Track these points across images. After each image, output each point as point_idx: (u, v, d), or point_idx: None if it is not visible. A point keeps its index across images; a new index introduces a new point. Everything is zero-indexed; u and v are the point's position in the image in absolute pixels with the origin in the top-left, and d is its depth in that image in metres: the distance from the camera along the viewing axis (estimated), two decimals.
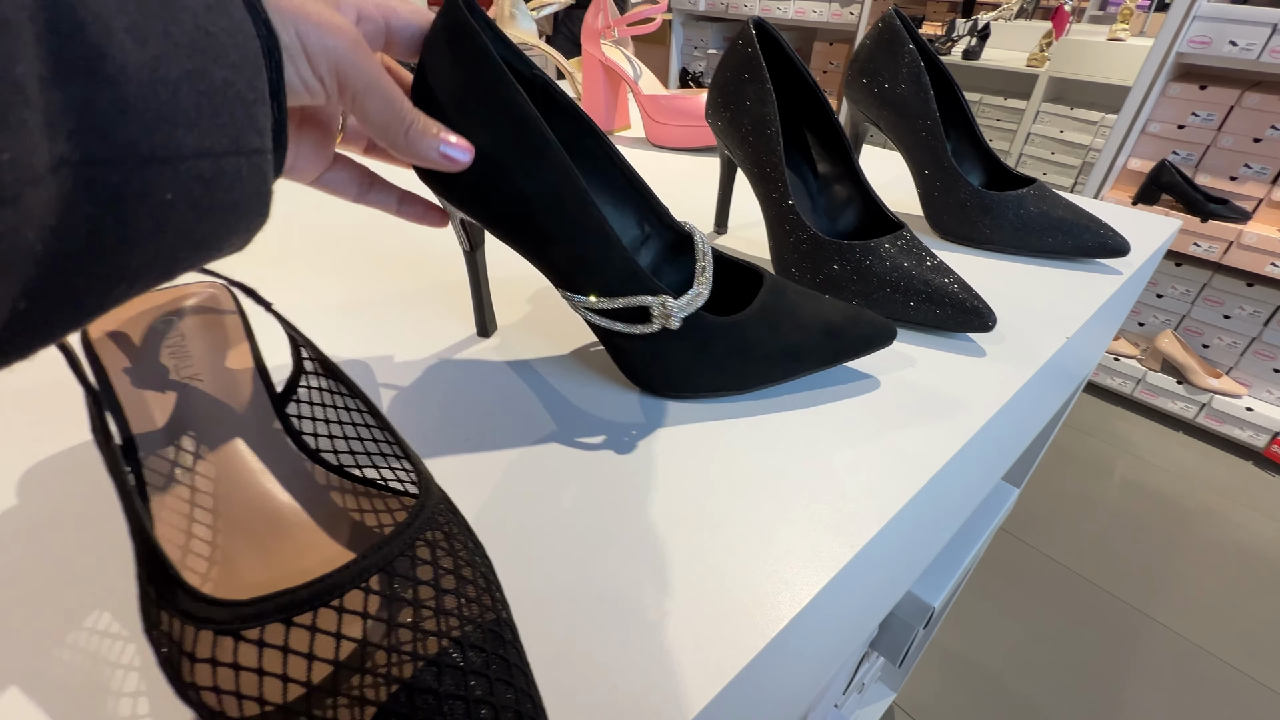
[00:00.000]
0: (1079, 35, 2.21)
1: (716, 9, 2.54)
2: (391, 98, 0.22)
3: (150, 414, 0.23)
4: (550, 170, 0.26)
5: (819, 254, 0.40)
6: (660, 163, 0.70)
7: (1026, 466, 0.77)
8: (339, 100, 0.21)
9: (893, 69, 0.50)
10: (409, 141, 0.23)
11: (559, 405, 0.31)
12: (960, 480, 0.33)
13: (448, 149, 0.24)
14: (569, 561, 0.24)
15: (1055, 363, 0.39)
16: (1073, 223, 0.48)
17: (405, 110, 0.23)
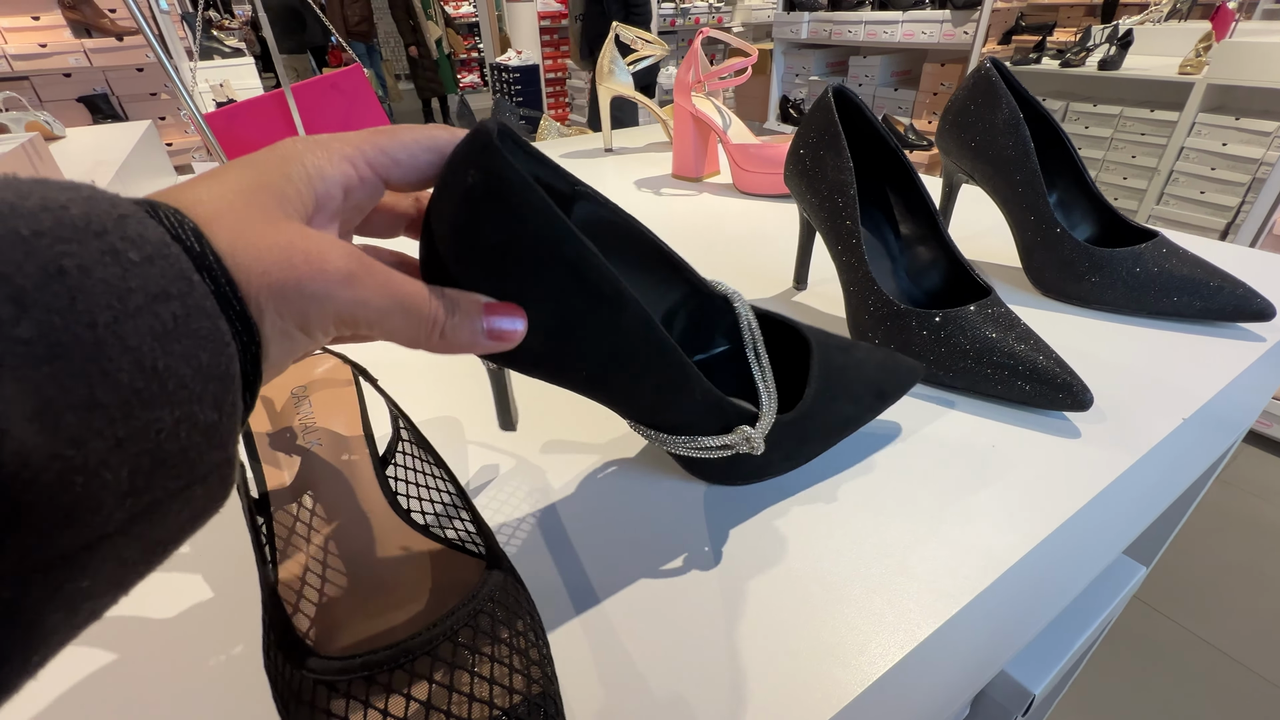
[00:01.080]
0: (1245, 36, 1.95)
1: (819, 36, 2.51)
2: (409, 306, 0.18)
3: (281, 474, 0.28)
4: (628, 323, 0.23)
5: (896, 322, 0.39)
6: (747, 209, 0.71)
7: (1161, 539, 0.68)
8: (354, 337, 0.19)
9: (988, 121, 0.48)
10: (447, 343, 0.19)
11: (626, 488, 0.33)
12: (1045, 570, 0.31)
13: (496, 324, 0.19)
14: (622, 632, 0.25)
15: (1168, 447, 0.35)
16: (1202, 282, 0.43)
17: (430, 309, 0.18)
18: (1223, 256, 0.53)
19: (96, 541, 0.11)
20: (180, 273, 0.12)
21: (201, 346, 0.12)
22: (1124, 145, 2.17)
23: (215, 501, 0.14)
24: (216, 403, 0.13)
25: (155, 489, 0.12)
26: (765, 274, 0.54)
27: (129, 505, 0.11)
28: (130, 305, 0.11)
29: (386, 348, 0.46)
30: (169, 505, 0.12)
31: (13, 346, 0.10)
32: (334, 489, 0.28)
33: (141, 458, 0.11)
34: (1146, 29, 2.37)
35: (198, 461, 0.12)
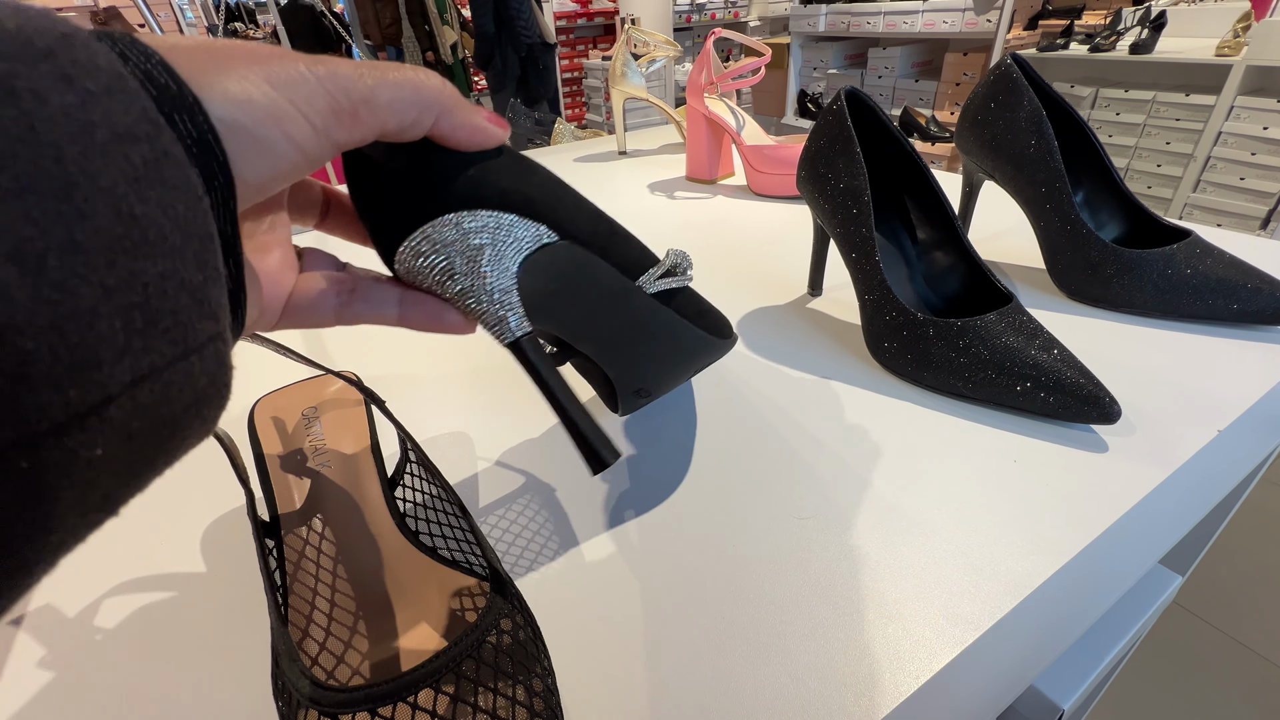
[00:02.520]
0: None
1: (837, 28, 2.47)
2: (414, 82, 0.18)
3: (291, 496, 0.28)
4: (641, 305, 0.29)
5: (914, 331, 0.38)
6: (762, 212, 0.70)
7: (1199, 546, 0.66)
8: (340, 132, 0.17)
9: (1009, 121, 0.47)
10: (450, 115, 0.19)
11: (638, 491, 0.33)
12: (1071, 592, 0.30)
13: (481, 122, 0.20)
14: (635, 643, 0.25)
15: (1203, 460, 0.33)
16: (1239, 284, 0.41)
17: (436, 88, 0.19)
18: (1262, 253, 0.51)
19: (103, 404, 0.11)
20: (143, 112, 0.12)
21: (176, 197, 0.12)
22: (1157, 131, 2.10)
23: (215, 389, 0.13)
24: (199, 262, 0.12)
25: (152, 351, 0.11)
26: (779, 280, 0.54)
27: (128, 364, 0.11)
28: (96, 140, 0.10)
29: (397, 362, 0.46)
30: (169, 375, 0.12)
31: None
32: (343, 512, 0.28)
33: (132, 312, 0.11)
34: (1180, 10, 2.28)
35: (189, 328, 0.12)
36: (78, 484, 0.11)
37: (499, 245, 0.23)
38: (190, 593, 0.29)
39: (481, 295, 0.23)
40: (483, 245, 0.23)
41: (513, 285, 0.23)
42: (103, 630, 0.27)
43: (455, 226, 0.22)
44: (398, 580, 0.27)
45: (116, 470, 0.11)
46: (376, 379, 0.43)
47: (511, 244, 0.23)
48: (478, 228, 0.22)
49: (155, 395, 0.12)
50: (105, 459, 0.11)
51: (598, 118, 3.20)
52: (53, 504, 0.10)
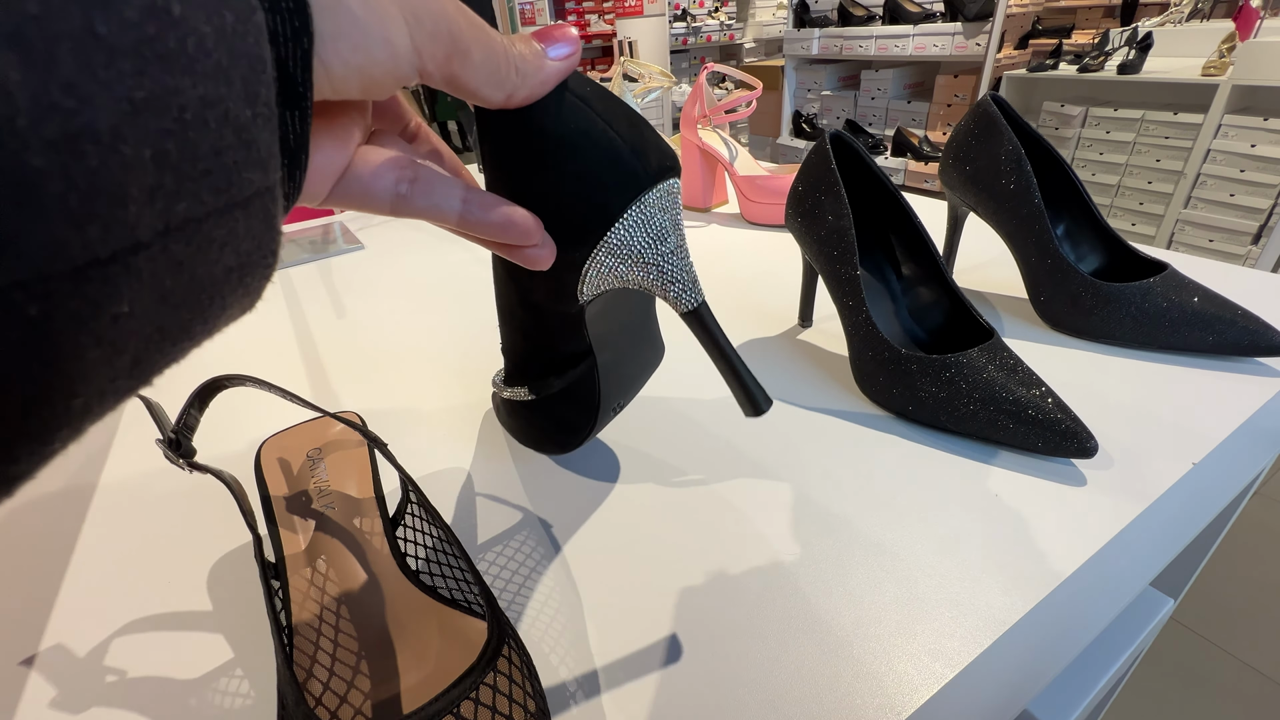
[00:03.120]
0: (1271, 35, 1.90)
1: (830, 51, 2.52)
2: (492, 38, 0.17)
3: (296, 538, 0.29)
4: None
5: (898, 366, 0.39)
6: (755, 241, 0.72)
7: (1192, 566, 0.66)
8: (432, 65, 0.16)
9: (990, 159, 0.48)
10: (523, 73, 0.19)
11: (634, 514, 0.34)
12: (1054, 624, 0.31)
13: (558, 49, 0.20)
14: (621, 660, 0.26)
15: (1179, 492, 0.34)
16: (1214, 316, 0.43)
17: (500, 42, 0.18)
18: (1244, 283, 0.53)
19: (130, 251, 0.09)
20: None
21: (222, 3, 0.10)
22: (1147, 149, 2.13)
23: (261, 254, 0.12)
24: (248, 92, 0.11)
25: (188, 195, 0.10)
26: (770, 311, 0.55)
27: (160, 208, 0.09)
28: None
29: (398, 396, 0.48)
30: (209, 230, 0.10)
31: None
32: (346, 553, 0.29)
33: (165, 140, 0.09)
34: (1167, 30, 2.33)
35: (234, 175, 0.10)
36: (104, 343, 0.09)
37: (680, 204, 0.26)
38: (198, 633, 0.29)
39: (685, 254, 0.26)
40: (680, 203, 0.26)
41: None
42: (114, 670, 0.28)
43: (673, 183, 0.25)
44: (399, 620, 0.28)
45: (148, 334, 0.10)
46: (376, 414, 0.45)
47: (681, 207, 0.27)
48: (678, 185, 0.26)
49: (192, 251, 0.10)
50: (134, 318, 0.10)
51: None
52: (74, 362, 0.09)
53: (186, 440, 0.27)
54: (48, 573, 0.34)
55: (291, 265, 0.77)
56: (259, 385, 0.29)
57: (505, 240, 0.22)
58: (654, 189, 0.24)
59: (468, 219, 0.20)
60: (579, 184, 0.23)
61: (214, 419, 0.43)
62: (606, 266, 0.26)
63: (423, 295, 0.65)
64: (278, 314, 0.63)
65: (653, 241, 0.25)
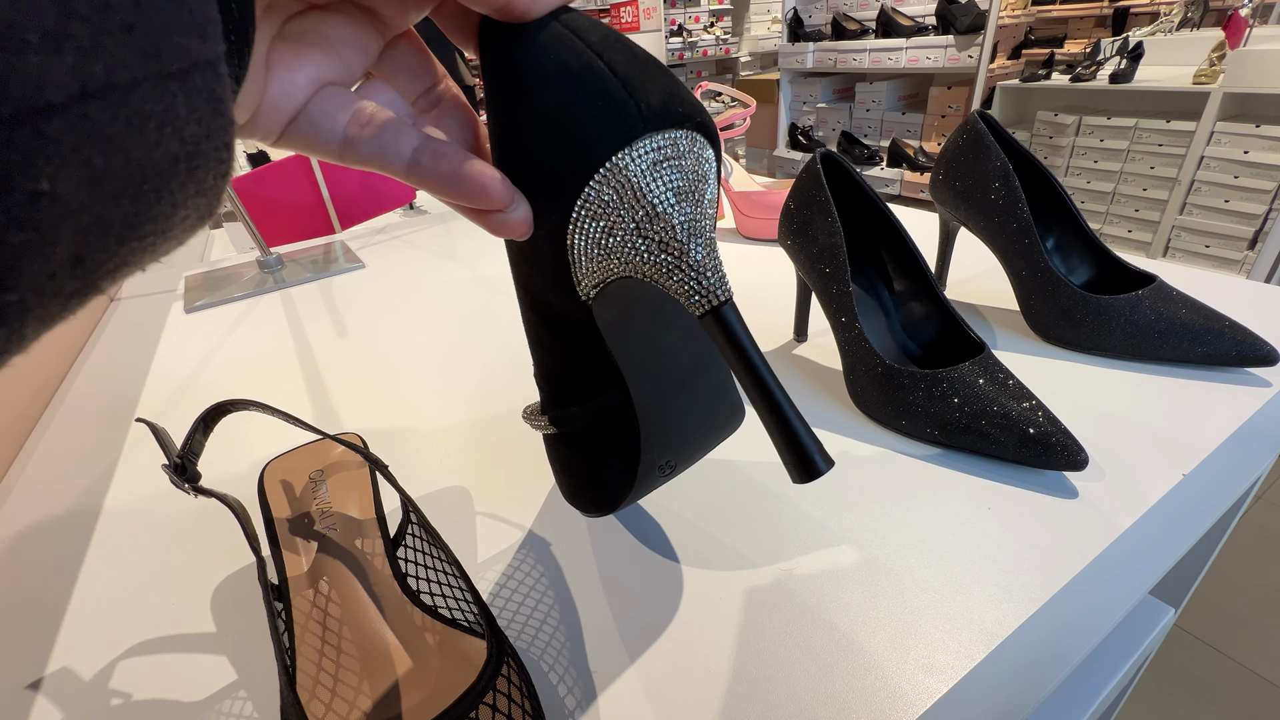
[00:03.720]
0: (1260, 43, 1.93)
1: (824, 65, 2.55)
2: None
3: (299, 560, 0.30)
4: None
5: (890, 380, 0.40)
6: (750, 256, 0.73)
7: (1193, 573, 0.66)
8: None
9: (979, 174, 0.49)
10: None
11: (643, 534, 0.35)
12: (1049, 636, 0.31)
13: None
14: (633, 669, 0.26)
15: (1170, 503, 0.35)
16: (1203, 327, 0.43)
17: None
18: (1234, 294, 0.53)
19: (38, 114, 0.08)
20: None
21: None
22: (1141, 157, 2.15)
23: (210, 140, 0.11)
24: None
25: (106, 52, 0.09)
26: (766, 325, 0.56)
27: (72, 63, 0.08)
28: None
29: (398, 415, 0.48)
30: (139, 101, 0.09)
31: None
32: (348, 574, 0.30)
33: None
34: (1157, 40, 2.36)
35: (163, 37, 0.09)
36: (25, 227, 0.08)
37: (708, 175, 0.20)
38: (202, 655, 0.30)
39: (704, 234, 0.20)
40: (707, 173, 0.20)
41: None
42: (119, 693, 0.29)
43: (690, 139, 0.20)
44: (400, 640, 0.28)
45: (85, 224, 0.09)
46: (378, 433, 0.45)
47: (709, 180, 0.20)
48: (701, 146, 0.20)
49: (121, 126, 0.09)
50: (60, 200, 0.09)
51: None
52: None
53: (192, 465, 0.28)
54: (53, 596, 0.34)
55: (293, 285, 0.77)
56: (262, 409, 0.30)
57: (462, 199, 0.19)
58: (654, 136, 0.19)
59: (415, 170, 0.18)
60: (551, 125, 0.18)
61: (217, 441, 0.44)
62: (594, 241, 0.20)
63: (424, 313, 0.66)
64: (280, 333, 0.64)
65: (653, 206, 0.19)
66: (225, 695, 0.28)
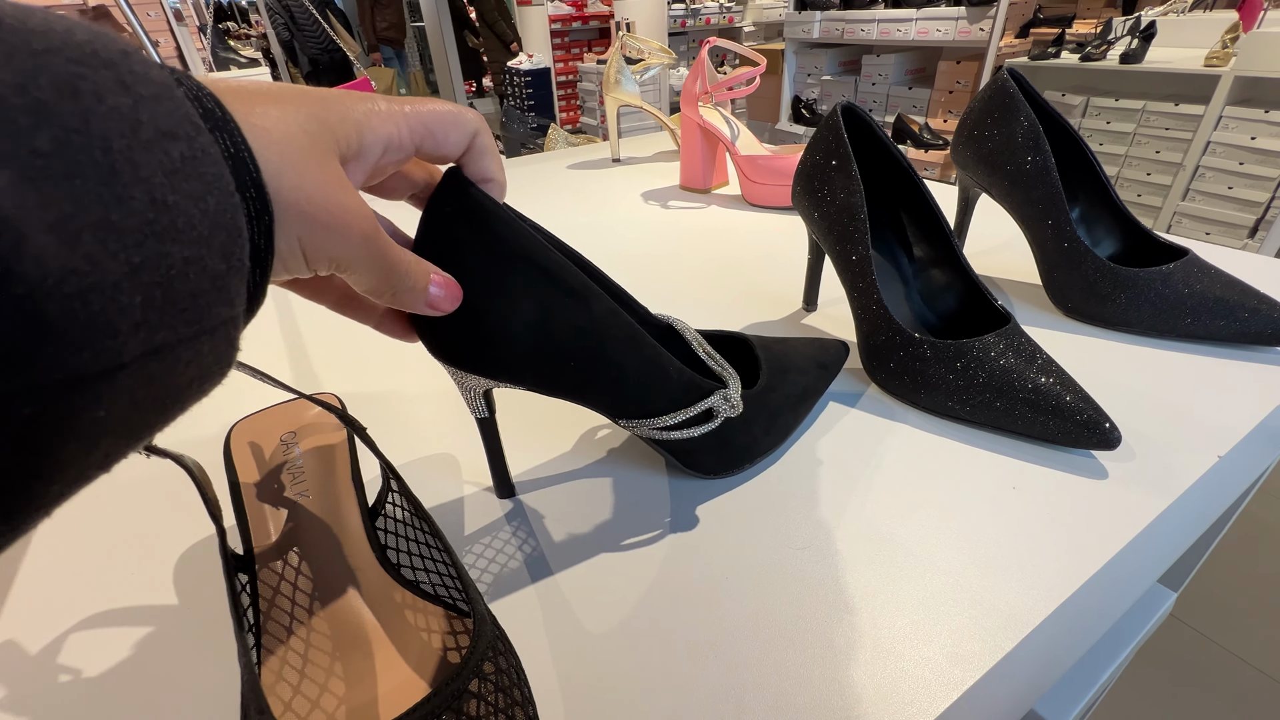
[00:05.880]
0: (1275, 26, 1.89)
1: (831, 35, 2.48)
2: (396, 272, 0.20)
3: (267, 528, 0.27)
4: (599, 312, 0.26)
5: (910, 351, 0.37)
6: (756, 223, 0.70)
7: (1193, 561, 0.65)
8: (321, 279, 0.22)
9: (1005, 136, 0.46)
10: (396, 299, 0.21)
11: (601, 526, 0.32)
12: (1072, 621, 0.29)
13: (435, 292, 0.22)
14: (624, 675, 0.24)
15: (1203, 486, 0.33)
16: (1237, 304, 0.41)
17: (401, 273, 0.21)
18: (1258, 269, 0.51)
19: (112, 371, 0.11)
20: (186, 116, 0.13)
21: (209, 190, 0.13)
22: (1147, 140, 2.11)
23: (219, 366, 0.14)
24: (224, 253, 0.13)
25: (166, 328, 0.12)
26: (773, 295, 0.53)
27: (142, 338, 0.11)
28: (141, 137, 0.12)
29: (383, 379, 0.45)
30: (179, 352, 0.12)
31: (32, 158, 0.10)
32: (322, 544, 0.27)
33: (153, 290, 0.12)
34: (1170, 20, 2.30)
35: (206, 312, 0.13)
36: (81, 439, 0.11)
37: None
38: (159, 631, 0.27)
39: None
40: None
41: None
42: (68, 669, 0.26)
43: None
44: (378, 617, 0.26)
45: (118, 431, 0.12)
46: (361, 397, 0.42)
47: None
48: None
49: (164, 367, 0.12)
50: (109, 420, 0.12)
51: (593, 121, 3.19)
52: (54, 453, 0.11)
53: None
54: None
55: None
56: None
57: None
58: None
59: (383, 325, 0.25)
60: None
61: None
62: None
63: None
64: None
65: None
66: (185, 674, 0.26)
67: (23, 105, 0.10)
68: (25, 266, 0.10)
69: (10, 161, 0.10)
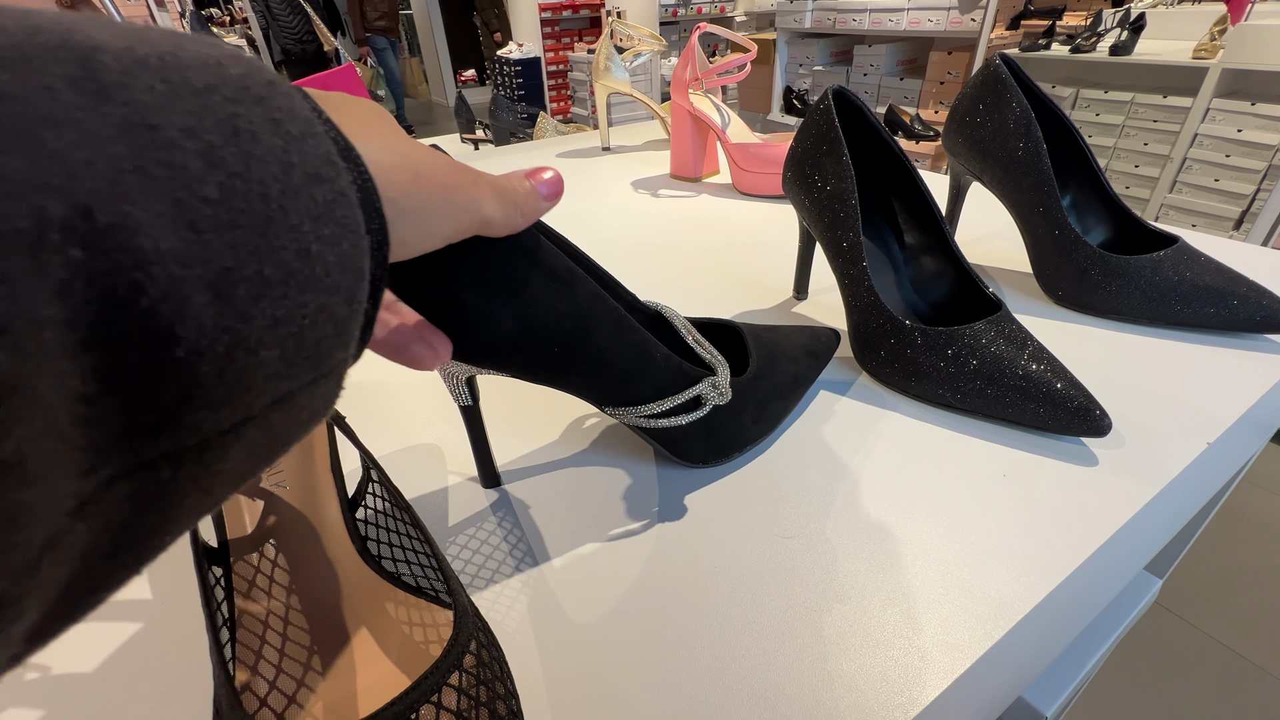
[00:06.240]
0: (1262, 19, 1.89)
1: (823, 25, 2.46)
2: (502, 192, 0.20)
3: (242, 519, 0.26)
4: (583, 297, 0.25)
5: (901, 338, 0.37)
6: (747, 212, 0.69)
7: (1178, 548, 0.66)
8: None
9: (997, 122, 0.46)
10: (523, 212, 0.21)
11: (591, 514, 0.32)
12: (1062, 609, 0.29)
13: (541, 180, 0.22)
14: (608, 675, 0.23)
15: (1193, 473, 0.33)
16: (1227, 291, 0.41)
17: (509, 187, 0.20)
18: (1246, 258, 0.51)
19: (242, 424, 0.11)
20: (327, 155, 0.12)
21: (344, 235, 0.12)
22: (1136, 132, 2.12)
23: (327, 405, 0.14)
24: (349, 296, 0.13)
25: (294, 377, 0.12)
26: (764, 283, 0.52)
27: (272, 389, 0.11)
28: (293, 181, 0.11)
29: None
30: (300, 397, 0.12)
31: (201, 207, 0.09)
32: (299, 535, 0.26)
33: (289, 341, 0.11)
34: (1159, 12, 2.31)
35: (327, 355, 0.12)
36: (203, 491, 0.11)
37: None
38: (131, 627, 0.26)
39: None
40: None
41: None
42: (34, 666, 0.25)
43: None
44: (357, 610, 0.25)
45: (230, 480, 0.12)
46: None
47: None
48: None
49: (283, 416, 0.12)
50: (229, 471, 0.11)
51: (583, 111, 3.16)
52: (180, 509, 0.11)
53: None
54: None
55: None
56: None
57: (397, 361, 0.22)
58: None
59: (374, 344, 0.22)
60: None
61: None
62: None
63: None
64: None
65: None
66: (157, 670, 0.25)
67: (194, 150, 0.10)
68: (187, 329, 0.09)
69: (183, 211, 0.09)
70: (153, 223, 0.09)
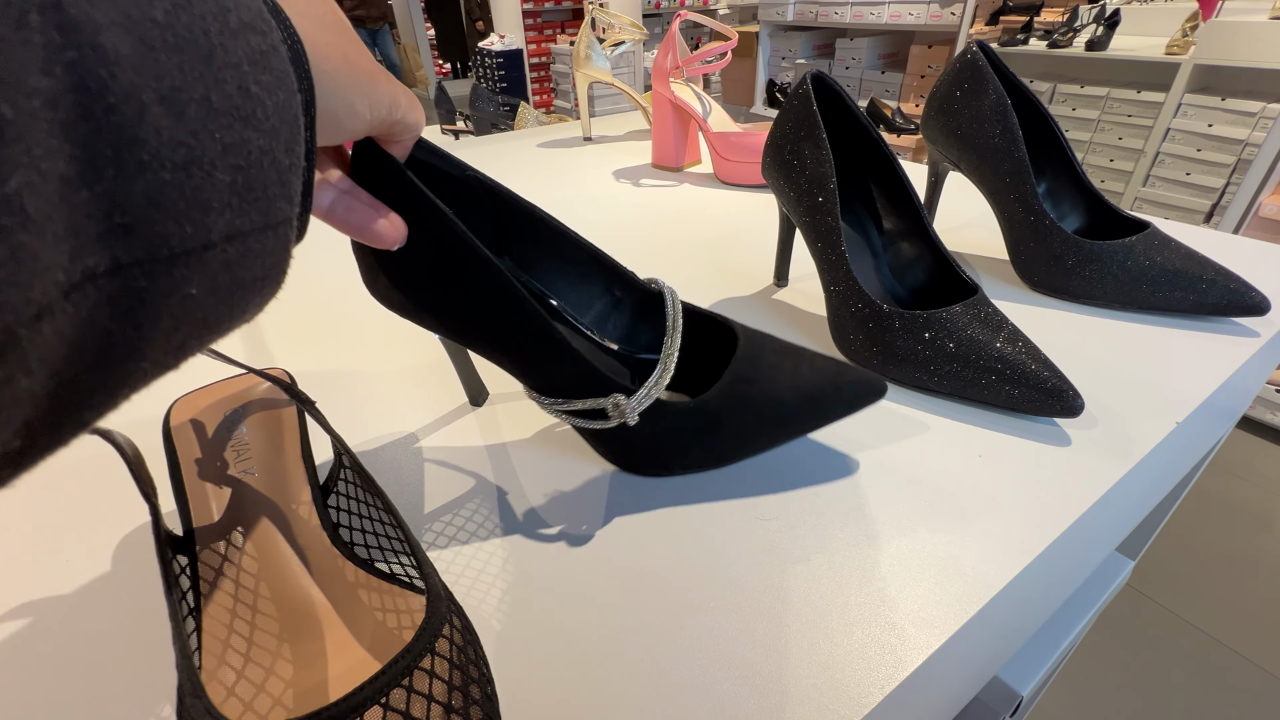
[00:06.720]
0: (1232, 15, 1.93)
1: (806, 18, 2.47)
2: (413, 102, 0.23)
3: (209, 507, 0.26)
4: (485, 280, 0.25)
5: (879, 323, 0.37)
6: (728, 201, 0.69)
7: (1149, 531, 0.67)
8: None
9: (974, 109, 0.46)
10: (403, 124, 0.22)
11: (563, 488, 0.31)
12: (1036, 587, 0.29)
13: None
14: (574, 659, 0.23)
15: (1162, 452, 0.33)
16: (1195, 275, 0.41)
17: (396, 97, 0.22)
18: (1216, 245, 0.52)
19: (204, 248, 0.12)
20: (259, 11, 0.13)
21: (279, 85, 0.14)
22: (1110, 127, 2.16)
23: (276, 273, 0.15)
24: (288, 147, 0.14)
25: (245, 213, 0.13)
26: (745, 270, 0.52)
27: (227, 219, 0.12)
28: (230, 25, 0.12)
29: (340, 357, 0.43)
30: (251, 242, 0.13)
31: (150, 26, 0.11)
32: (268, 524, 0.26)
33: (237, 173, 0.12)
34: (1134, 8, 2.35)
35: (273, 205, 0.14)
36: (172, 316, 0.12)
37: None
38: (101, 618, 0.26)
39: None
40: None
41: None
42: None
43: None
44: (328, 597, 0.24)
45: (197, 319, 0.13)
46: (315, 375, 0.41)
47: None
48: None
49: (239, 255, 0.13)
50: (195, 301, 0.12)
51: (566, 104, 3.14)
52: (152, 329, 0.12)
53: None
54: None
55: None
56: None
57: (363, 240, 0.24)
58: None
59: (330, 216, 0.23)
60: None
61: None
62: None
63: None
64: None
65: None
66: (120, 661, 0.24)
67: None
68: (147, 133, 0.10)
69: (135, 26, 0.10)
70: (110, 28, 0.10)
